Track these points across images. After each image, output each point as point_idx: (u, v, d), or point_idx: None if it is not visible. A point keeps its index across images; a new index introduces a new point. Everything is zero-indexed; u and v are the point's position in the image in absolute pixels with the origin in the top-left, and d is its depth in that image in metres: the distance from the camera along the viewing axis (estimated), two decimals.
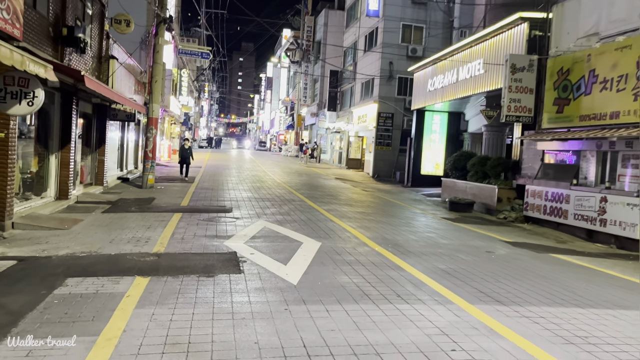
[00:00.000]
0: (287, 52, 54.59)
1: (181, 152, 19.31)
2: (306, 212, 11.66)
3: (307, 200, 14.17)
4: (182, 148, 19.37)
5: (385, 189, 21.17)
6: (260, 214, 11.07)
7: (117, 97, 10.83)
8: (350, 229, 9.62)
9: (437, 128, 23.65)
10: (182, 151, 19.29)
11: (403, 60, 27.77)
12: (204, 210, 11.15)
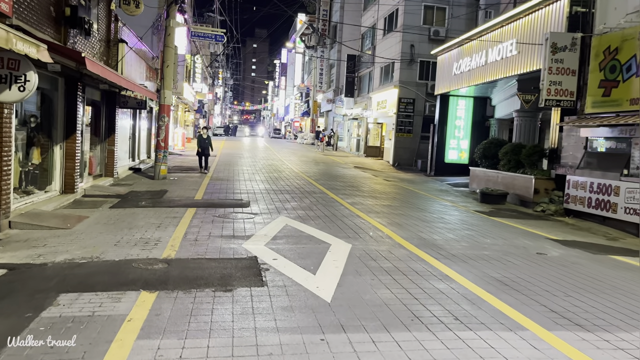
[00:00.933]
0: (302, 36, 53.36)
1: (199, 143, 17.20)
2: (329, 206, 10.76)
3: (329, 192, 13.26)
4: (200, 138, 17.30)
5: (408, 179, 20.17)
6: (280, 208, 10.20)
7: (125, 83, 9.99)
8: (381, 227, 8.70)
9: (461, 114, 22.48)
10: (201, 141, 17.15)
11: (425, 43, 26.52)
12: (220, 205, 10.31)
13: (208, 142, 17.06)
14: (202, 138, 17.09)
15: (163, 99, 14.57)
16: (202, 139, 17.06)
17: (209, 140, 17.19)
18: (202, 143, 17.01)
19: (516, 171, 14.44)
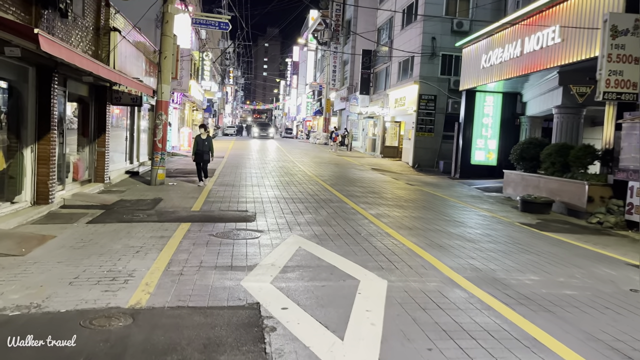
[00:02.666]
0: (314, 33, 51.65)
1: (196, 146, 13.07)
2: (350, 220, 9.01)
3: (348, 201, 11.52)
4: (198, 140, 13.12)
5: (432, 182, 18.35)
6: (291, 223, 8.47)
7: (106, 72, 8.34)
8: (418, 250, 6.94)
9: (489, 111, 20.59)
10: (198, 144, 13.05)
11: (447, 35, 24.66)
12: (219, 219, 8.61)
13: (208, 146, 13.12)
14: (200, 140, 13.12)
15: (160, 94, 12.93)
16: (201, 140, 13.11)
17: (210, 142, 13.20)
18: (200, 146, 13.04)
19: (562, 175, 12.57)
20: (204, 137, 13.22)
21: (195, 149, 13.12)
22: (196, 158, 13.09)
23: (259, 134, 50.73)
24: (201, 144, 13.07)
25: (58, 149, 10.05)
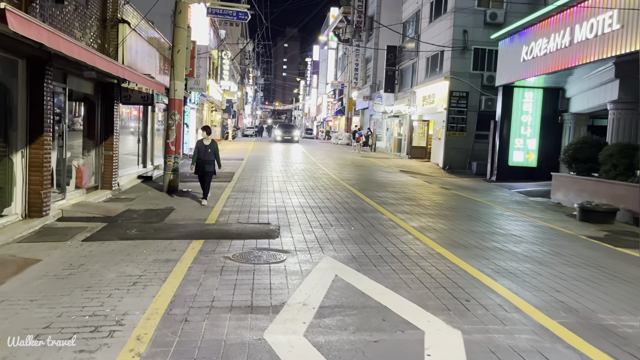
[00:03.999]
0: (335, 30, 50.30)
1: (197, 154, 10.21)
2: (391, 235, 7.65)
3: (382, 210, 10.16)
4: (200, 146, 10.24)
5: (468, 185, 16.86)
6: (322, 240, 7.15)
7: (107, 65, 7.12)
8: (487, 280, 5.54)
9: (528, 108, 19.00)
10: (199, 151, 10.20)
11: (479, 28, 23.08)
12: (238, 235, 7.33)
13: (212, 153, 10.23)
14: (201, 146, 10.21)
15: (173, 91, 11.75)
16: (203, 147, 10.20)
17: (215, 150, 10.26)
18: (202, 154, 10.17)
19: (627, 179, 11.01)
20: (207, 143, 10.22)
21: (195, 157, 10.17)
22: (197, 169, 10.23)
23: (282, 137, 40.80)
24: (203, 151, 10.15)
25: (57, 153, 8.94)
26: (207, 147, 10.21)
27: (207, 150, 10.17)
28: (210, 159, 10.21)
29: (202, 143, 10.24)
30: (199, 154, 10.14)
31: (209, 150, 10.19)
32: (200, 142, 10.28)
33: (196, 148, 10.24)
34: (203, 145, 10.21)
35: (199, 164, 10.18)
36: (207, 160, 10.17)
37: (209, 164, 10.21)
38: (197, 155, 10.16)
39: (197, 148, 10.21)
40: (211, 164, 10.24)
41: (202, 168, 10.18)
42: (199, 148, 10.17)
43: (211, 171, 10.31)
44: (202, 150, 10.16)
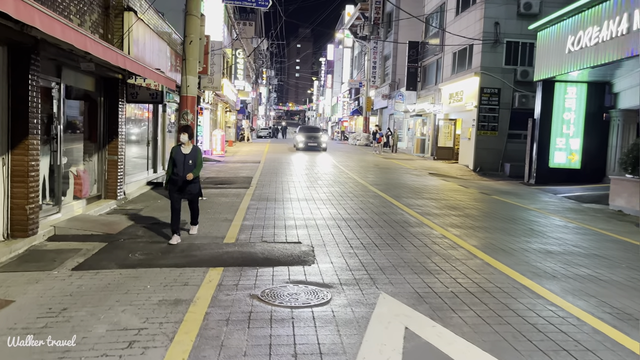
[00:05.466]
0: (351, 28, 48.86)
1: (172, 167, 7.01)
2: (455, 260, 6.18)
3: (429, 222, 8.69)
4: (176, 154, 6.99)
5: (507, 190, 15.31)
6: (370, 267, 5.71)
7: (101, 50, 5.75)
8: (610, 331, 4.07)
9: (571, 104, 17.35)
10: (176, 162, 6.96)
11: (512, 19, 21.48)
12: (264, 260, 5.92)
13: (194, 164, 7.01)
14: (179, 155, 6.98)
15: (185, 88, 10.40)
16: (180, 156, 6.97)
17: (197, 158, 7.06)
18: (180, 166, 6.94)
19: None
20: (186, 151, 6.95)
21: (170, 171, 6.98)
22: (171, 190, 6.96)
23: (305, 144, 29.59)
24: (181, 162, 6.88)
25: (50, 158, 7.63)
26: (187, 157, 6.91)
27: (187, 162, 6.89)
28: (187, 174, 6.87)
29: (180, 151, 6.95)
30: (175, 166, 6.89)
31: (190, 161, 6.90)
32: (177, 150, 6.97)
33: (171, 159, 6.98)
34: (181, 153, 6.92)
35: (173, 181, 6.91)
36: (184, 175, 6.86)
37: (189, 186, 6.95)
38: (171, 168, 6.94)
39: (171, 158, 6.96)
40: (195, 182, 7.05)
41: (176, 186, 6.89)
42: (175, 158, 6.90)
43: (196, 192, 7.13)
44: (180, 161, 6.87)
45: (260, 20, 56.13)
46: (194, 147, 7.12)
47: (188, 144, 7.06)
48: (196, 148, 7.14)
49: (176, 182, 6.92)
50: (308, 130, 33.04)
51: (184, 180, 6.89)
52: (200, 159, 7.11)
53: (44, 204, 7.60)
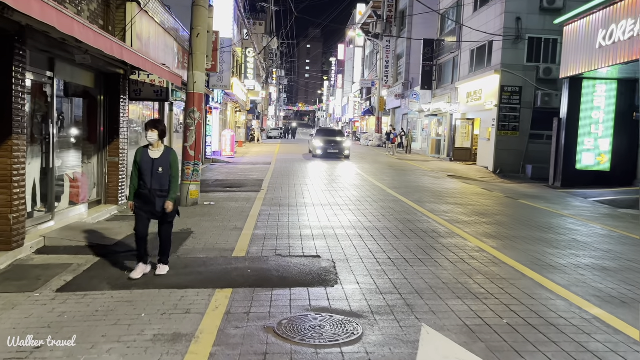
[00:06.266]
0: (363, 27, 48.00)
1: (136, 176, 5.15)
2: (501, 280, 5.33)
3: (460, 232, 7.84)
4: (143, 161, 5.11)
5: (532, 193, 14.40)
6: (403, 289, 4.89)
7: (92, 36, 4.95)
8: None
9: (600, 103, 16.37)
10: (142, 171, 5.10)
11: (534, 14, 20.54)
12: (280, 280, 5.11)
13: (167, 174, 5.16)
14: (145, 161, 5.12)
15: (192, 84, 9.64)
16: (147, 161, 5.11)
17: (173, 166, 5.20)
18: (147, 176, 5.09)
19: None
20: (155, 155, 5.15)
21: (135, 182, 5.18)
22: (137, 206, 5.17)
23: (325, 151, 23.52)
24: (149, 170, 5.10)
25: (42, 161, 6.89)
26: (157, 164, 5.07)
27: (157, 170, 5.05)
28: (162, 187, 5.09)
29: (146, 154, 5.10)
30: (142, 174, 5.07)
31: (160, 169, 5.06)
32: (143, 153, 5.11)
33: (135, 165, 5.14)
34: (148, 158, 5.08)
35: (143, 196, 5.10)
36: (158, 189, 5.07)
37: (161, 196, 5.09)
38: (136, 178, 5.13)
39: (136, 164, 5.13)
40: (163, 195, 5.10)
41: (148, 204, 5.09)
42: (141, 164, 5.08)
43: (172, 214, 5.23)
44: (147, 169, 5.05)
45: (270, 20, 55.45)
46: (166, 149, 5.22)
47: (158, 145, 5.18)
48: (170, 151, 5.25)
49: (145, 198, 5.08)
50: (327, 133, 26.59)
51: (155, 194, 5.06)
52: (176, 168, 5.24)
53: (35, 211, 6.88)
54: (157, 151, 5.17)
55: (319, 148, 23.56)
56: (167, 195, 5.14)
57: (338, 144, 23.89)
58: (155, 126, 5.19)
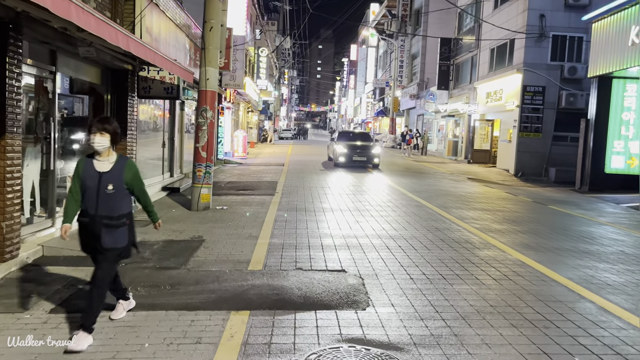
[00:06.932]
0: (377, 26, 47.29)
1: (77, 194, 3.68)
2: (557, 304, 4.68)
3: (495, 242, 7.17)
4: (85, 175, 3.65)
5: (560, 198, 13.64)
6: (444, 311, 4.25)
7: (93, 22, 4.39)
8: None
9: (631, 103, 15.56)
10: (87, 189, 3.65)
11: (559, 11, 19.72)
12: (302, 300, 4.49)
13: (120, 193, 3.72)
14: (91, 173, 3.66)
15: (204, 81, 9.05)
16: (94, 175, 3.66)
17: (132, 179, 3.79)
18: (96, 195, 3.64)
19: None
20: (103, 167, 3.70)
21: (75, 205, 3.72)
22: (82, 235, 3.77)
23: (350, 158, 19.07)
24: (92, 187, 3.65)
25: (42, 162, 6.35)
26: (104, 180, 3.68)
27: (105, 189, 3.67)
28: (112, 213, 3.69)
29: (91, 167, 3.70)
30: (85, 193, 3.69)
31: (110, 186, 3.67)
32: (86, 165, 3.71)
33: (76, 178, 3.72)
34: (92, 171, 3.69)
35: (83, 226, 3.75)
36: (106, 215, 3.68)
37: (110, 226, 3.69)
38: (77, 197, 3.71)
39: (77, 178, 3.71)
40: (114, 223, 3.70)
41: (90, 238, 3.73)
42: (84, 179, 3.69)
43: (120, 246, 3.77)
44: (92, 187, 3.67)
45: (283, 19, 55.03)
46: (120, 159, 3.74)
47: (108, 153, 3.70)
48: (125, 162, 3.77)
49: (88, 226, 3.66)
50: (352, 137, 21.22)
51: (100, 221, 3.61)
52: (139, 183, 3.82)
53: (34, 217, 6.34)
54: (106, 162, 3.67)
55: (342, 155, 18.99)
56: (118, 226, 3.66)
57: (365, 150, 19.33)
58: (103, 127, 3.61)
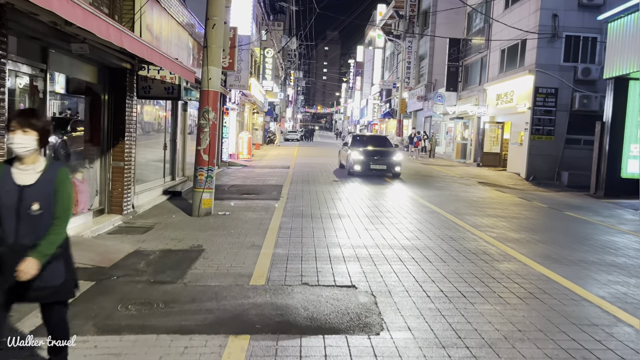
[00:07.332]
0: (384, 27, 46.82)
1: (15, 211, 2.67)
2: (589, 326, 4.22)
3: (515, 253, 6.70)
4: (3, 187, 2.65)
5: (575, 204, 13.14)
6: (467, 337, 3.80)
7: (81, 16, 3.96)
8: None
9: None
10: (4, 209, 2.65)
11: (573, 11, 19.21)
12: (308, 323, 4.04)
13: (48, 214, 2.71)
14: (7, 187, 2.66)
15: (206, 81, 8.64)
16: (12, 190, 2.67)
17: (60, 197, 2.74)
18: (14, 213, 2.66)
19: None
20: (26, 179, 2.69)
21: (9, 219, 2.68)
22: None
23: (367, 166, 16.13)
24: (11, 206, 2.66)
25: None
26: (27, 196, 2.70)
27: (27, 208, 2.69)
28: (37, 239, 2.70)
29: (9, 177, 2.70)
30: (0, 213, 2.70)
31: (36, 205, 2.70)
32: (3, 175, 2.71)
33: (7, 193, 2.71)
34: (12, 183, 2.70)
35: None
36: (29, 245, 2.69)
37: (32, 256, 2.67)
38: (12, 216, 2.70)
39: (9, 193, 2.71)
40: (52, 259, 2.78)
41: (5, 273, 2.69)
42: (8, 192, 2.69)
43: (55, 284, 2.81)
44: (10, 206, 2.68)
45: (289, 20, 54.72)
46: (51, 167, 2.81)
47: (34, 158, 2.77)
48: (57, 170, 2.81)
49: (2, 259, 2.71)
50: (368, 142, 18.13)
51: (18, 251, 2.67)
52: (66, 199, 2.79)
53: None
54: (30, 171, 2.73)
55: (358, 163, 16.22)
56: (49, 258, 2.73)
57: (385, 157, 16.61)
58: (28, 123, 2.68)
